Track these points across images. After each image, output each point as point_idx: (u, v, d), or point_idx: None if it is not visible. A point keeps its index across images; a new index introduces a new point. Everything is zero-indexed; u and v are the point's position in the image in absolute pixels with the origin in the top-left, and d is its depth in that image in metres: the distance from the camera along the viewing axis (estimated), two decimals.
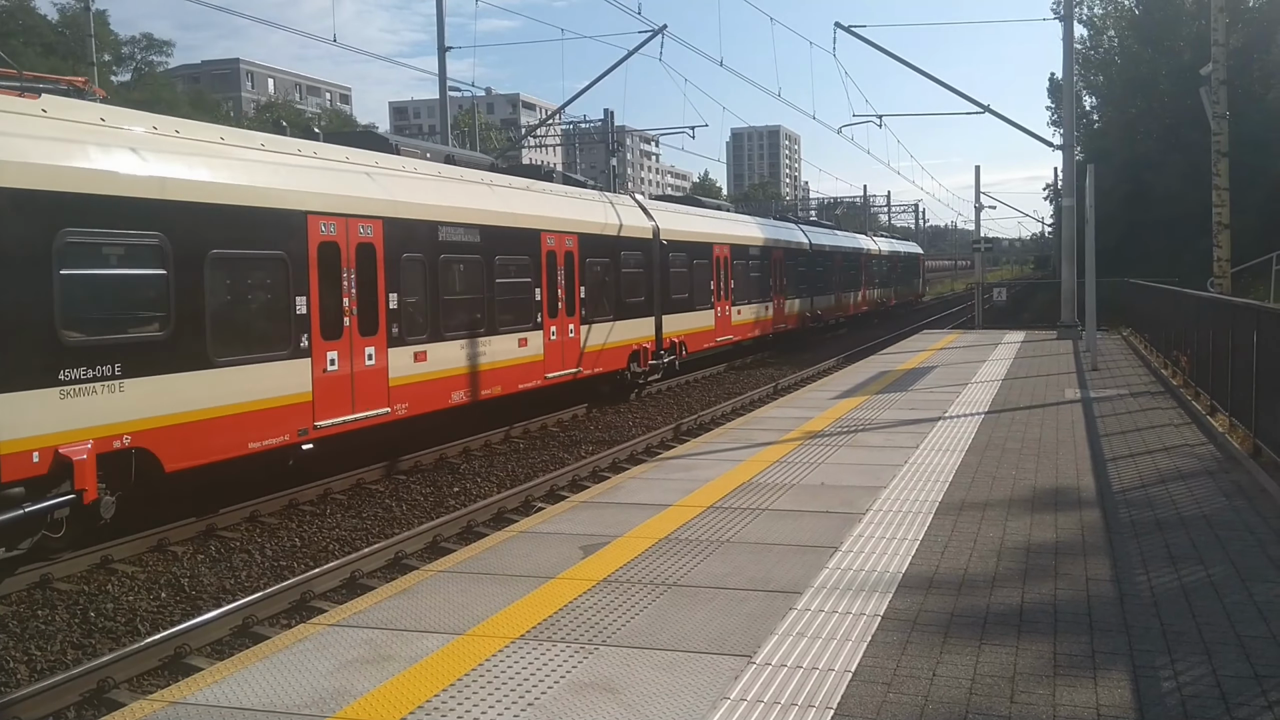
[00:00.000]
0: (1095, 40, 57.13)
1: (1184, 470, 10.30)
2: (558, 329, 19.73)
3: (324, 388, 13.32)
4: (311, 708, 5.03)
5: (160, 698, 5.26)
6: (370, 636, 5.99)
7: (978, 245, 40.85)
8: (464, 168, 18.08)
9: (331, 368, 13.49)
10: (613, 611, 6.31)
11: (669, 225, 25.41)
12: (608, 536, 8.10)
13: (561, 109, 36.37)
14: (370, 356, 14.27)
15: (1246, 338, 11.03)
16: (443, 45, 29.13)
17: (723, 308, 28.62)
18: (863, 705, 4.91)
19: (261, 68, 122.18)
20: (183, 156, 11.61)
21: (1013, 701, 4.91)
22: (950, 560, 7.23)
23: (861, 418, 14.06)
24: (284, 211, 12.78)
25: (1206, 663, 5.33)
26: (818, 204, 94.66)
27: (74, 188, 10.12)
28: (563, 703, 5.00)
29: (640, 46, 29.15)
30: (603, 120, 41.94)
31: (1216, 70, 19.87)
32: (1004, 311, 42.45)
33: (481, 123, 69.38)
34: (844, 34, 28.45)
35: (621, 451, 16.27)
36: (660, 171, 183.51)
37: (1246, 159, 30.84)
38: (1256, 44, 44.08)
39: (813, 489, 9.65)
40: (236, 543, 11.61)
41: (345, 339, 13.79)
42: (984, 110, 29.54)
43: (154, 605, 9.66)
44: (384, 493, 13.98)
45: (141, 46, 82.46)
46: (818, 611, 6.21)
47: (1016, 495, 9.28)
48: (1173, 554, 7.31)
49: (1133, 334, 27.93)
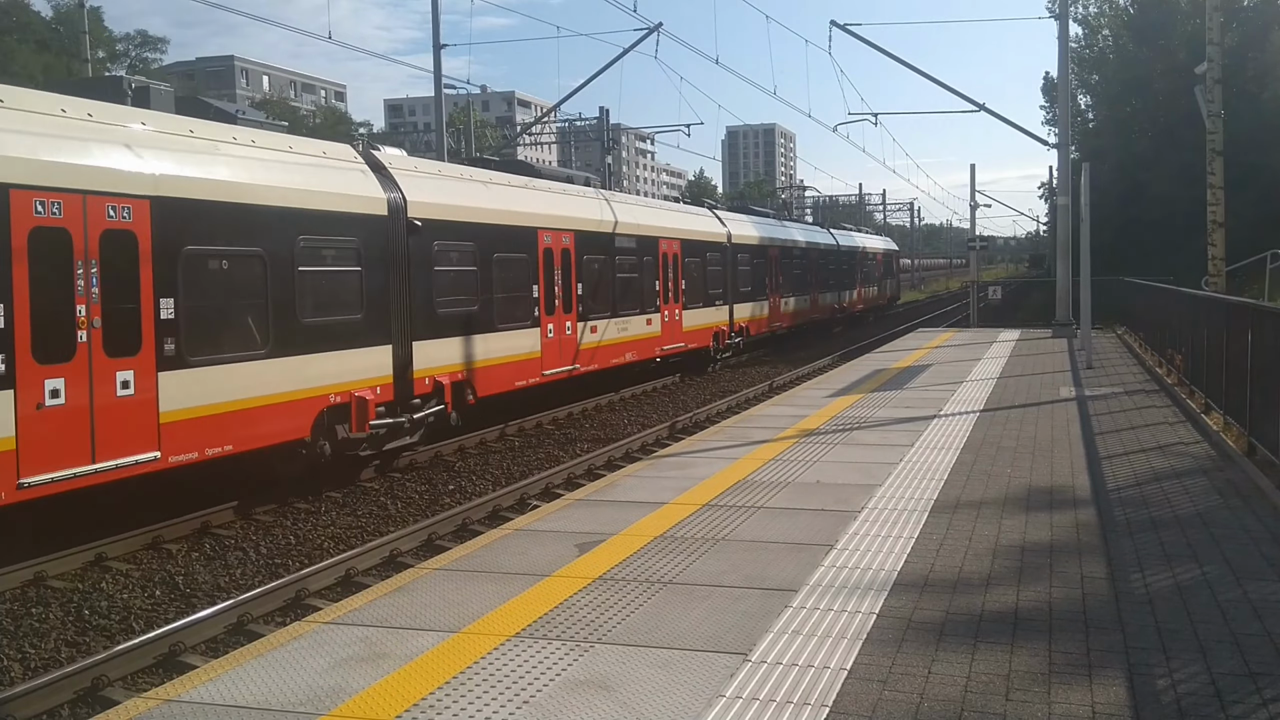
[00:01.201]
0: (1090, 39, 57.27)
1: (1178, 469, 10.31)
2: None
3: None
4: (306, 705, 5.02)
5: (155, 695, 5.25)
6: (365, 634, 5.98)
7: (973, 243, 40.93)
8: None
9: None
10: (608, 609, 6.30)
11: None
12: (603, 534, 8.09)
13: (556, 107, 36.37)
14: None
15: (1241, 336, 11.05)
16: (438, 43, 29.10)
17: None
18: (858, 703, 4.91)
19: (256, 65, 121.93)
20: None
21: (1008, 699, 4.91)
22: (945, 558, 7.24)
23: (856, 416, 14.07)
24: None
25: (1201, 661, 5.34)
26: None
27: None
28: (558, 700, 5.00)
29: (636, 44, 29.20)
30: (598, 118, 41.93)
31: (1211, 69, 19.91)
32: (999, 310, 42.53)
33: (476, 120, 69.31)
34: (840, 32, 28.45)
35: (617, 449, 16.27)
36: (655, 170, 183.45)
37: (1241, 158, 30.89)
38: (1251, 43, 44.17)
39: (808, 487, 9.66)
40: (231, 540, 11.59)
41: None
42: (979, 109, 29.53)
43: (148, 603, 9.64)
44: (379, 490, 13.96)
45: (136, 44, 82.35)
46: (813, 609, 6.21)
47: (1011, 494, 9.29)
48: (1167, 553, 7.32)
49: (1127, 332, 27.98)
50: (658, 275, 24.50)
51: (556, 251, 19.69)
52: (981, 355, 23.00)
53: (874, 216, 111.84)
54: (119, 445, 10.52)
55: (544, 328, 19.24)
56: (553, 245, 19.57)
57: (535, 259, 18.95)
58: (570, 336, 20.32)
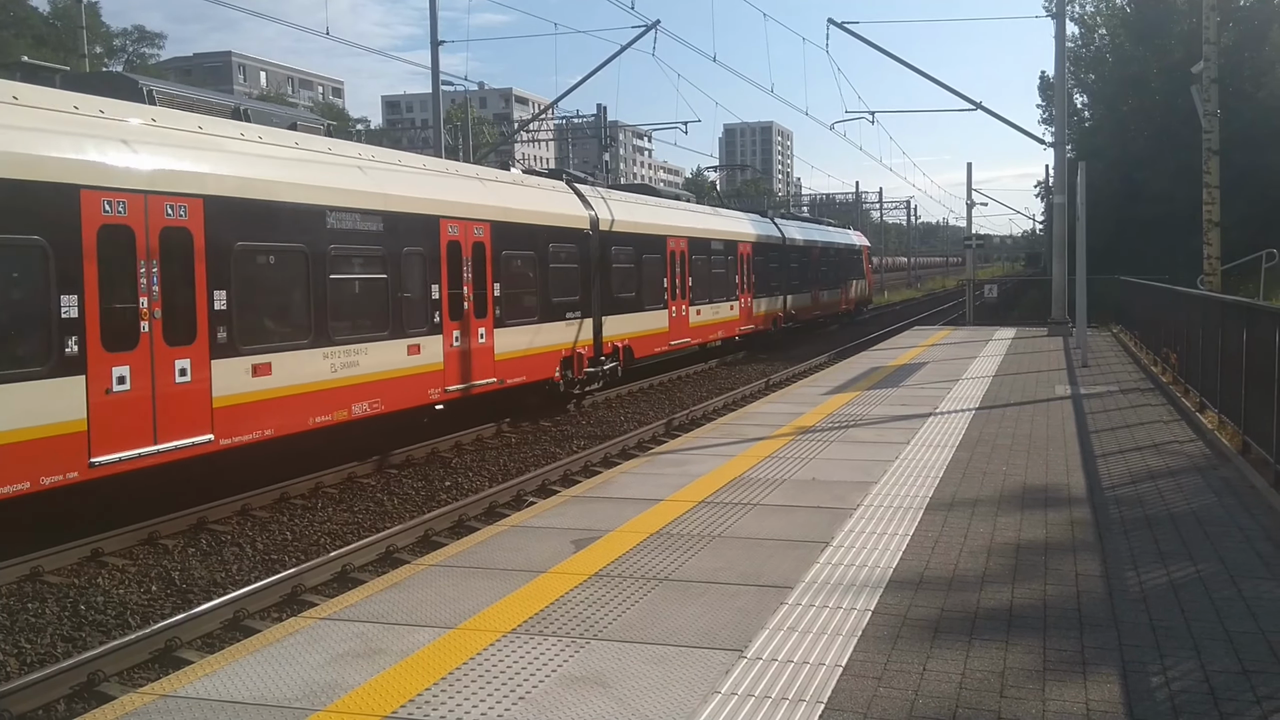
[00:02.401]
0: (1087, 38, 57.25)
1: (1173, 467, 10.34)
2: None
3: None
4: (302, 701, 5.03)
5: (151, 691, 5.25)
6: (361, 630, 5.99)
7: (969, 242, 40.95)
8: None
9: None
10: (604, 606, 6.31)
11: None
12: (599, 531, 8.10)
13: (554, 104, 36.31)
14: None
15: (1236, 335, 11.07)
16: (435, 39, 29.06)
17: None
18: (853, 699, 4.92)
19: (254, 61, 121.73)
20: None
21: (1002, 697, 4.93)
22: (941, 556, 7.26)
23: (853, 413, 14.09)
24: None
25: (1196, 659, 5.36)
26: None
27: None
28: (554, 696, 5.01)
29: (633, 42, 29.15)
30: (595, 115, 41.90)
31: (1207, 68, 19.93)
32: (995, 308, 42.54)
33: (474, 117, 69.23)
34: (837, 30, 28.43)
35: (613, 446, 16.27)
36: (653, 167, 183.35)
37: (1237, 157, 30.92)
38: (1248, 42, 44.17)
39: (804, 484, 9.67)
40: (227, 536, 11.59)
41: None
42: (976, 107, 29.54)
43: (144, 598, 9.64)
44: (375, 486, 13.96)
45: (133, 39, 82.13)
46: (809, 606, 6.23)
47: (1007, 492, 9.31)
48: (1162, 550, 7.34)
49: (1123, 331, 28.02)
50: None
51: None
52: (977, 353, 23.03)
53: (871, 215, 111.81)
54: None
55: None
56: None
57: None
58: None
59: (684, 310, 25.96)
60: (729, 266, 29.95)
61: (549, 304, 19.26)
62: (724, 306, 29.33)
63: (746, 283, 31.35)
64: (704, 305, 27.39)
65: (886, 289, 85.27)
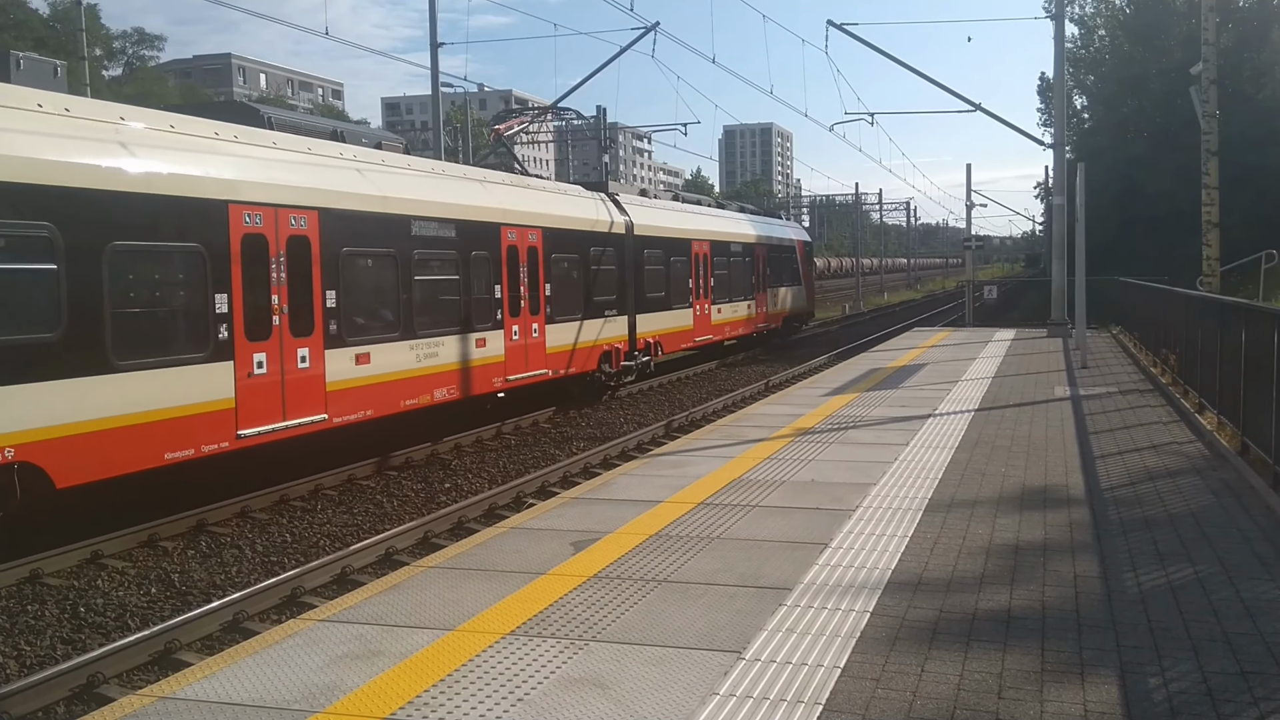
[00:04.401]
0: (1086, 39, 57.32)
1: (1172, 468, 10.35)
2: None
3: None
4: (301, 703, 5.03)
5: (150, 693, 5.26)
6: (361, 632, 6.00)
7: (969, 243, 40.96)
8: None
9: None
10: (603, 607, 6.32)
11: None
12: (598, 532, 8.11)
13: (553, 106, 36.32)
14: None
15: (1235, 336, 11.07)
16: (435, 41, 29.11)
17: None
18: (851, 701, 4.93)
19: (253, 63, 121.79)
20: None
21: (1000, 698, 4.93)
22: (939, 557, 7.26)
23: (852, 415, 14.10)
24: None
25: (1194, 660, 5.36)
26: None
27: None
28: (553, 698, 5.01)
29: (633, 43, 29.19)
30: (595, 117, 41.91)
31: (1206, 69, 19.94)
32: (994, 309, 42.53)
33: (474, 119, 69.20)
34: (836, 32, 28.47)
35: (613, 448, 16.28)
36: (652, 169, 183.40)
37: (1237, 158, 30.93)
38: (1247, 43, 44.21)
39: (803, 486, 9.68)
40: (227, 538, 11.59)
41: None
42: (975, 108, 29.56)
43: (144, 600, 9.64)
44: (375, 489, 13.97)
45: (133, 41, 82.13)
46: (807, 608, 6.23)
47: (1005, 493, 9.31)
48: (1160, 552, 7.35)
49: (1122, 332, 28.02)
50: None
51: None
52: (977, 355, 23.03)
53: (870, 216, 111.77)
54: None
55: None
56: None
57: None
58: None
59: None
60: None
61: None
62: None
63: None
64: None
65: (886, 290, 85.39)
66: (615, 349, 22.18)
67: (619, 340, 22.44)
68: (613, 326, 22.22)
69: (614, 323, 22.18)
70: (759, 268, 32.79)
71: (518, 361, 18.15)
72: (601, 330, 21.55)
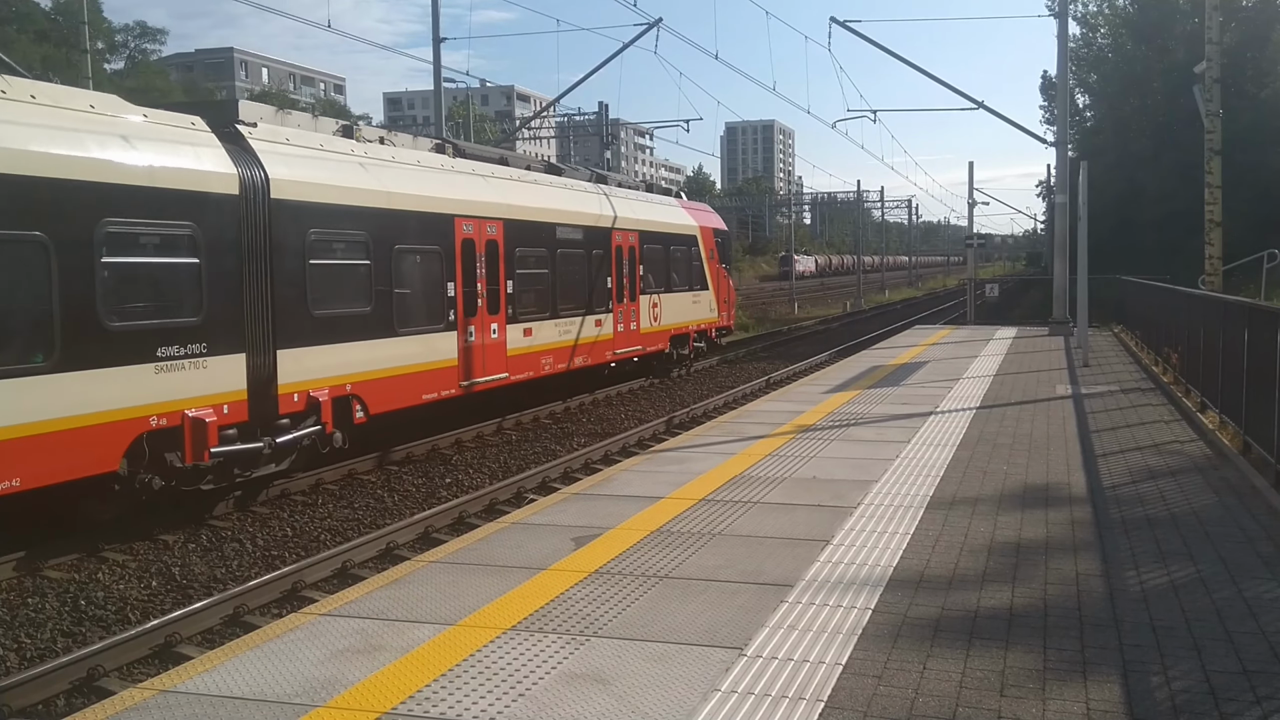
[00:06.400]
0: (1089, 38, 57.22)
1: (1174, 467, 10.34)
2: None
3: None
4: (302, 697, 5.02)
5: (150, 686, 5.25)
6: (361, 626, 5.99)
7: (970, 241, 40.94)
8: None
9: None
10: (604, 603, 6.31)
11: None
12: (600, 528, 8.10)
13: (556, 101, 36.32)
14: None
15: (1237, 335, 11.06)
16: (438, 36, 29.07)
17: None
18: (853, 698, 4.92)
19: (255, 57, 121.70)
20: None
21: (1002, 696, 4.92)
22: (941, 555, 7.25)
23: (853, 412, 14.08)
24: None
25: (1196, 659, 5.35)
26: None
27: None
28: (554, 693, 5.01)
29: (635, 39, 29.17)
30: (597, 113, 41.87)
31: (1210, 68, 19.92)
32: (996, 307, 42.53)
33: (476, 114, 69.21)
34: (839, 28, 28.41)
35: (614, 444, 16.27)
36: (654, 165, 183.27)
37: (1239, 157, 30.93)
38: (1251, 42, 44.18)
39: (804, 483, 9.67)
40: (228, 532, 11.58)
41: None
42: (978, 106, 29.52)
43: (144, 594, 9.64)
44: (376, 483, 13.96)
45: (135, 34, 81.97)
46: (809, 605, 6.22)
47: (1007, 491, 9.31)
48: (1163, 551, 7.34)
49: (1124, 331, 28.00)
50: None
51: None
52: (978, 353, 23.01)
53: (872, 213, 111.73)
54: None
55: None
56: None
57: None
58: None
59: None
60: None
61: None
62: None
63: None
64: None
65: (888, 288, 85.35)
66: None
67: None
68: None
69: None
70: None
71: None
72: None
